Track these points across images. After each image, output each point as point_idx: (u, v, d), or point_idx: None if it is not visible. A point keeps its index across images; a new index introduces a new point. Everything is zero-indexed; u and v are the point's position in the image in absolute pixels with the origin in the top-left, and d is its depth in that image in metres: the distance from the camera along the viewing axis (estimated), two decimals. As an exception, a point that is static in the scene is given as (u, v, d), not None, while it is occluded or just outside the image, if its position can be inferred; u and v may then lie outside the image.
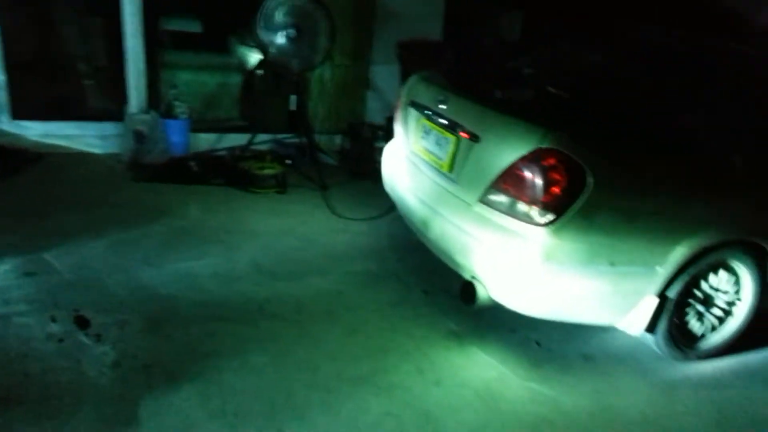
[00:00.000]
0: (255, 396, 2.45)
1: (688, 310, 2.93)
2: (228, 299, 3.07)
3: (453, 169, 2.96)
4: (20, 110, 4.68)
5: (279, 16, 4.44)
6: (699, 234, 2.70)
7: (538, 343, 3.03)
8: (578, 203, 2.53)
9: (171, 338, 2.73)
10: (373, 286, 3.37)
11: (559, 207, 2.54)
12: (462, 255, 2.85)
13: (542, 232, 2.56)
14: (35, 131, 4.69)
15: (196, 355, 2.65)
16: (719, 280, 2.93)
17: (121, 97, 4.84)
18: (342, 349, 2.81)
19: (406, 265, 3.63)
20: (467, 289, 2.81)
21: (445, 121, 3.07)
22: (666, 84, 3.03)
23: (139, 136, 4.64)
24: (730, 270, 2.93)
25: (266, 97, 5.34)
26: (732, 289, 2.97)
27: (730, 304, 3.00)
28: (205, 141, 5.05)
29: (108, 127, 4.85)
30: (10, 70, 4.60)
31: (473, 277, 2.80)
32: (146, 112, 4.80)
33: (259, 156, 4.76)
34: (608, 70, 3.50)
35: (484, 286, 2.76)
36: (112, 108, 4.88)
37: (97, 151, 4.83)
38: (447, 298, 3.28)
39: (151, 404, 2.34)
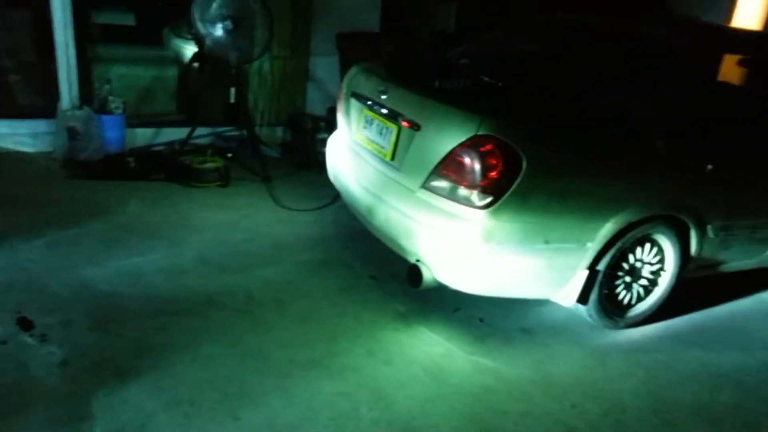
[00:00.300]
0: (209, 385, 2.48)
1: (617, 281, 3.14)
2: (175, 294, 3.07)
3: (395, 157, 3.06)
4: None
5: (215, 8, 4.40)
6: (624, 211, 2.89)
7: (481, 320, 3.18)
8: (514, 186, 2.67)
9: (119, 335, 2.72)
10: (321, 274, 3.43)
11: (496, 190, 2.67)
12: (407, 239, 2.96)
13: (482, 214, 2.69)
14: (-39, 131, 4.50)
15: (146, 349, 2.65)
16: (644, 252, 3.15)
17: (53, 93, 4.68)
18: (293, 335, 2.86)
19: (352, 253, 3.71)
20: (413, 272, 2.92)
21: (386, 111, 3.15)
22: (590, 70, 3.21)
23: (72, 133, 4.52)
24: (654, 243, 3.16)
25: (205, 90, 5.27)
26: (656, 261, 3.20)
27: (655, 274, 3.23)
28: (142, 136, 4.96)
29: (40, 125, 4.68)
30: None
31: (418, 260, 2.91)
32: (79, 107, 4.66)
33: (200, 150, 4.70)
34: (537, 59, 3.67)
35: (428, 269, 2.87)
36: (43, 105, 4.71)
37: (28, 149, 4.66)
38: (394, 282, 3.38)
39: (104, 400, 2.34)
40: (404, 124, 3.01)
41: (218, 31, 4.46)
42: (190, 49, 5.18)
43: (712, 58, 3.32)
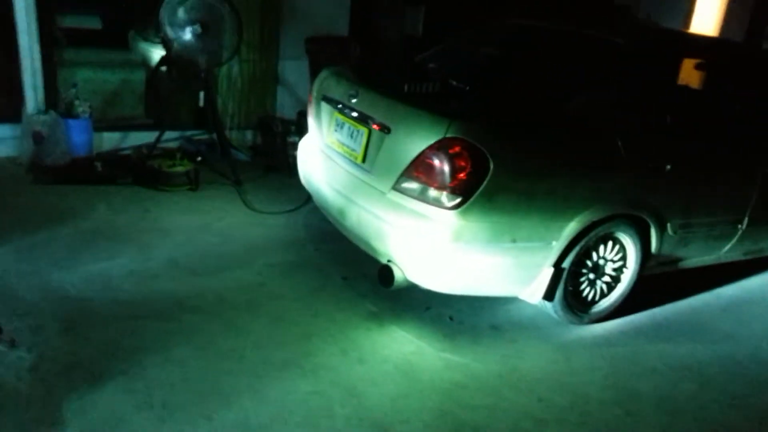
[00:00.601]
0: (182, 387, 2.49)
1: (581, 278, 3.23)
2: (146, 297, 3.06)
3: (366, 159, 3.10)
4: None
5: (184, 12, 4.39)
6: (588, 210, 2.98)
7: (451, 318, 3.25)
8: (482, 187, 2.73)
9: (90, 339, 2.70)
10: (293, 275, 3.45)
11: (465, 191, 2.74)
12: (378, 240, 3.00)
13: (451, 214, 2.75)
14: None
15: (117, 353, 2.64)
16: (607, 250, 3.26)
17: (18, 97, 4.61)
18: (266, 337, 2.88)
19: (324, 254, 3.74)
20: (384, 272, 2.96)
21: (356, 114, 3.19)
22: (552, 73, 3.30)
23: (38, 138, 4.45)
24: (617, 241, 3.26)
25: (173, 93, 5.25)
26: (618, 258, 3.31)
27: (618, 271, 3.34)
28: (109, 140, 4.91)
29: (5, 129, 4.61)
30: None
31: (389, 261, 2.96)
32: (45, 112, 4.59)
33: (169, 153, 4.69)
34: (502, 62, 3.76)
35: (400, 269, 2.92)
36: (8, 109, 4.63)
37: (-7, 154, 4.60)
38: (365, 282, 3.43)
39: (76, 404, 2.33)
40: (375, 127, 3.06)
41: (187, 35, 4.45)
42: (157, 53, 5.16)
43: (670, 61, 3.46)
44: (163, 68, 5.07)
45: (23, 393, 2.36)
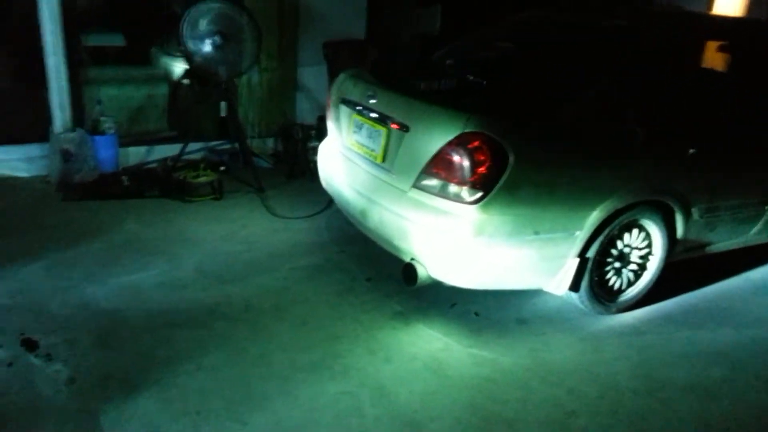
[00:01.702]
0: (214, 394, 2.53)
1: (607, 268, 3.20)
2: (176, 306, 3.12)
3: (386, 159, 3.12)
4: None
5: (203, 25, 4.47)
6: (610, 199, 2.96)
7: (476, 314, 3.25)
8: (502, 180, 2.73)
9: (123, 350, 2.77)
10: (318, 279, 3.49)
11: (485, 185, 2.73)
12: (401, 239, 3.02)
13: (472, 209, 2.75)
14: (-45, 160, 4.55)
15: (151, 362, 2.69)
16: (632, 238, 3.22)
17: (45, 116, 4.74)
18: (294, 340, 2.92)
19: (347, 256, 3.77)
20: (408, 270, 2.98)
21: (375, 115, 3.21)
22: (569, 63, 3.28)
23: (66, 155, 4.57)
24: (642, 228, 3.22)
25: (195, 105, 5.34)
26: (644, 245, 3.27)
27: (644, 258, 3.30)
28: (135, 154, 5.02)
29: (33, 149, 4.73)
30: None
31: (413, 259, 2.97)
32: (72, 130, 4.71)
33: (193, 165, 4.77)
34: (519, 56, 3.74)
35: (423, 266, 2.93)
36: (36, 129, 4.76)
37: (23, 174, 4.70)
38: (390, 282, 3.44)
39: (113, 414, 2.38)
40: (393, 126, 3.07)
41: (207, 47, 4.52)
42: (179, 66, 5.26)
43: (692, 45, 3.40)
44: (186, 81, 5.16)
45: (61, 406, 2.42)
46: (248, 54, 4.68)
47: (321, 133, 5.00)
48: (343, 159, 3.54)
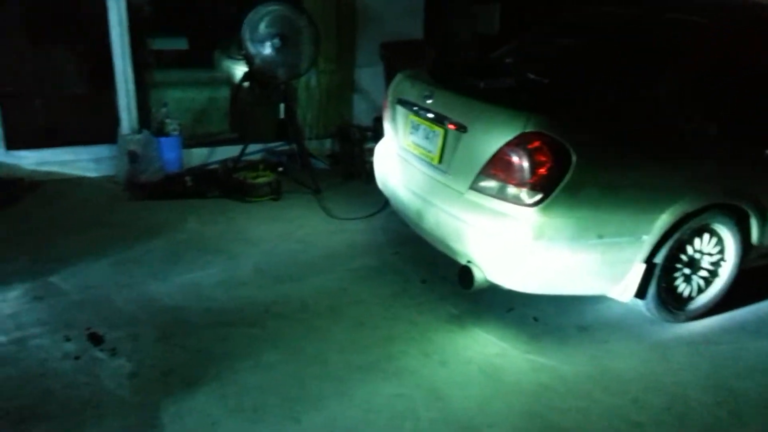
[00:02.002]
0: (270, 391, 2.56)
1: (676, 274, 3.06)
2: (235, 305, 3.18)
3: (443, 160, 3.08)
4: (13, 140, 4.75)
5: (264, 27, 4.55)
6: (680, 201, 2.83)
7: (535, 319, 3.16)
8: (564, 181, 2.65)
9: (184, 346, 2.83)
10: (373, 280, 3.48)
11: (546, 186, 2.66)
12: (457, 241, 2.97)
13: (532, 211, 2.68)
14: (30, 160, 4.76)
15: (209, 359, 2.75)
16: (703, 243, 3.06)
17: (113, 118, 4.93)
18: (349, 341, 2.92)
19: (403, 258, 3.75)
20: (464, 273, 2.92)
21: (432, 115, 3.18)
22: (637, 60, 3.15)
23: (132, 156, 4.73)
24: (713, 233, 3.07)
25: (255, 107, 5.44)
26: (716, 251, 3.11)
27: (715, 265, 3.14)
28: (198, 156, 5.15)
29: (101, 150, 4.93)
30: (1, 100, 4.65)
31: (469, 262, 2.92)
32: (138, 131, 4.89)
33: (252, 166, 4.86)
34: (582, 53, 3.63)
35: (480, 269, 2.88)
36: (104, 131, 4.95)
37: (92, 174, 4.91)
38: (444, 284, 3.40)
39: (172, 409, 2.44)
40: (450, 126, 3.03)
41: (266, 49, 4.60)
42: (240, 69, 5.37)
43: (762, 39, 3.22)
44: (246, 83, 5.27)
45: (124, 399, 2.49)
46: (307, 56, 4.73)
47: (377, 134, 5.00)
48: (399, 160, 3.52)
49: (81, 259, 3.56)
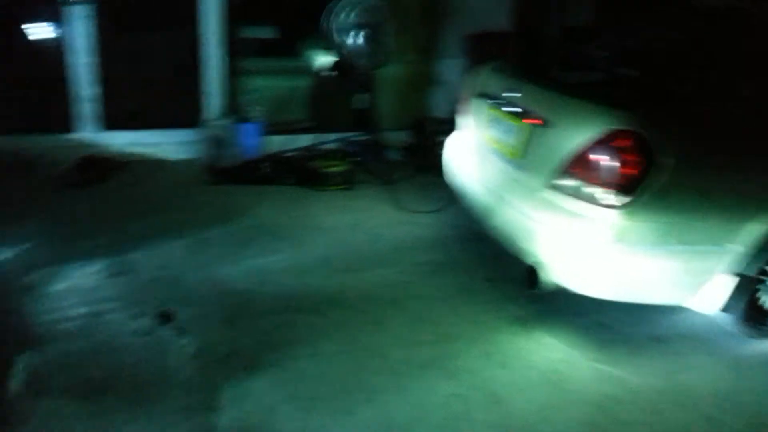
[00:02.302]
0: (327, 381, 2.57)
1: (759, 286, 2.82)
2: (300, 291, 3.21)
3: (521, 155, 2.98)
4: (109, 121, 5.01)
5: (350, 17, 4.59)
6: (773, 209, 2.60)
7: (605, 326, 3.01)
8: (651, 183, 2.51)
9: (248, 329, 2.88)
10: (438, 275, 3.43)
11: (631, 188, 2.52)
12: (527, 241, 2.87)
13: (614, 214, 2.55)
14: (122, 140, 5.01)
15: (271, 344, 2.79)
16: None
17: (197, 104, 5.09)
18: (409, 335, 2.89)
19: (470, 254, 3.68)
20: (531, 274, 2.83)
21: (513, 109, 3.08)
22: (736, 54, 2.92)
23: (216, 141, 4.89)
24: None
25: (333, 97, 5.48)
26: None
27: (812, 281, 2.87)
28: (276, 143, 5.24)
29: (187, 134, 5.10)
30: (102, 84, 4.91)
31: (537, 262, 2.81)
32: (222, 117, 5.04)
33: (327, 155, 4.91)
34: (676, 46, 3.40)
35: (548, 271, 2.77)
36: (188, 115, 5.12)
37: (175, 157, 5.10)
38: (510, 284, 3.30)
39: (232, 391, 2.48)
40: (532, 121, 2.93)
41: (351, 39, 4.64)
42: (325, 59, 5.42)
43: None
44: (334, 73, 5.31)
45: (187, 379, 2.56)
46: (390, 46, 4.72)
47: (453, 127, 4.92)
48: (473, 154, 3.45)
49: (159, 238, 3.71)
